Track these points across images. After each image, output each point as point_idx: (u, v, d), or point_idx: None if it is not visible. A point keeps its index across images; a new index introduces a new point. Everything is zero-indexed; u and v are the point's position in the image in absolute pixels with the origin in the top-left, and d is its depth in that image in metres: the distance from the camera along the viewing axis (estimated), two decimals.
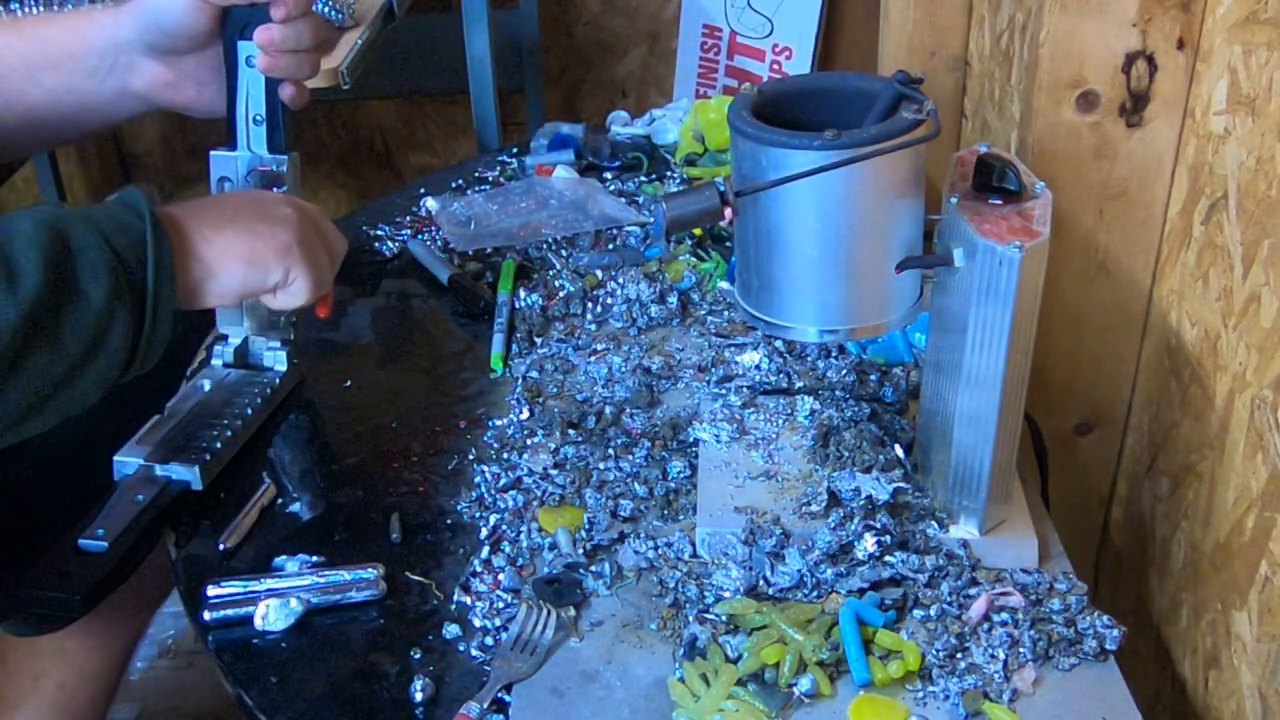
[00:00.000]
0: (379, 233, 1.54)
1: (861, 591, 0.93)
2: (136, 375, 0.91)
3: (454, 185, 1.66)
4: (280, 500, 1.07)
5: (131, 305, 0.86)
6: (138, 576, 1.16)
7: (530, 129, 2.60)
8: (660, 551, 0.98)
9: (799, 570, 0.93)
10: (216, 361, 1.19)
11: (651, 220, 1.50)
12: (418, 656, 0.91)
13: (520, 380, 1.22)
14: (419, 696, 0.87)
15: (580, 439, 1.11)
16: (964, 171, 0.93)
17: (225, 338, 1.19)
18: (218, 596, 0.95)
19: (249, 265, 0.96)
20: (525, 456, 1.10)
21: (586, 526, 1.01)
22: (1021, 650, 0.88)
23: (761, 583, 0.94)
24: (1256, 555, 0.96)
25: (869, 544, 0.94)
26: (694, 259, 1.41)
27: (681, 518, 1.02)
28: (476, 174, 1.69)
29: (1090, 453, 1.27)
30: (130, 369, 0.89)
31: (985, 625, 0.90)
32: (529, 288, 1.38)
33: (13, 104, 1.07)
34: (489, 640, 0.91)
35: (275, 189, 1.13)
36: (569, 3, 2.78)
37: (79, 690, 1.41)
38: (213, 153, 1.15)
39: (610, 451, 1.09)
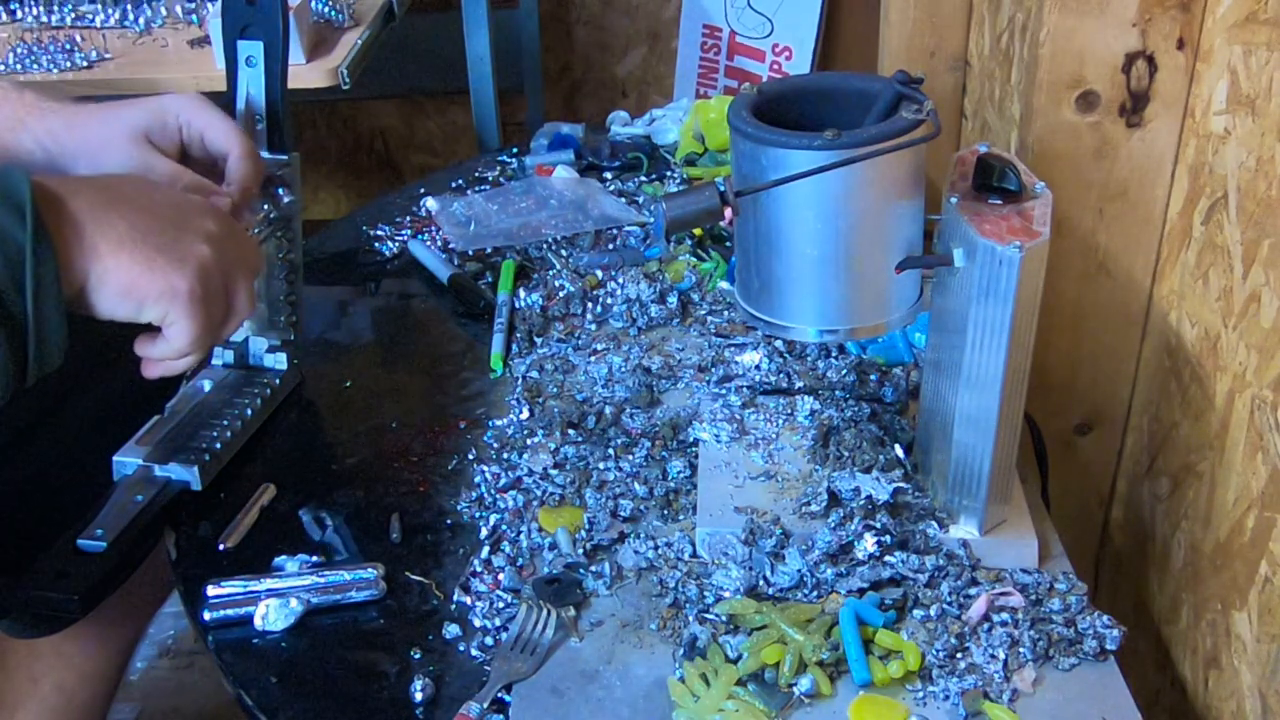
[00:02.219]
0: (379, 233, 1.54)
1: (861, 591, 0.93)
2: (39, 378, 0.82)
3: (454, 185, 1.66)
4: (280, 500, 1.07)
5: (8, 333, 0.77)
6: (137, 579, 1.16)
7: (530, 129, 2.60)
8: (660, 551, 0.98)
9: (799, 570, 0.93)
10: (216, 361, 1.19)
11: (651, 220, 1.50)
12: (418, 656, 0.91)
13: (520, 380, 1.22)
14: (419, 696, 0.87)
15: (580, 439, 1.11)
16: (964, 171, 0.92)
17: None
18: (218, 596, 0.95)
19: (124, 295, 0.83)
20: (525, 456, 1.10)
21: (586, 526, 1.01)
22: (1021, 650, 0.88)
23: (761, 583, 0.94)
24: (1256, 555, 0.96)
25: (869, 544, 0.94)
26: (694, 259, 1.41)
27: (681, 518, 1.02)
28: (476, 174, 1.69)
29: (1090, 453, 1.27)
30: (25, 382, 0.80)
31: (985, 625, 0.90)
32: (529, 288, 1.38)
33: None
34: (489, 640, 0.91)
35: (275, 189, 1.13)
36: (569, 3, 2.78)
37: (78, 692, 1.41)
38: None
39: (610, 451, 1.09)
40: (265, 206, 1.10)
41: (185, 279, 0.85)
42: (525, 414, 1.16)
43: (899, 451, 1.03)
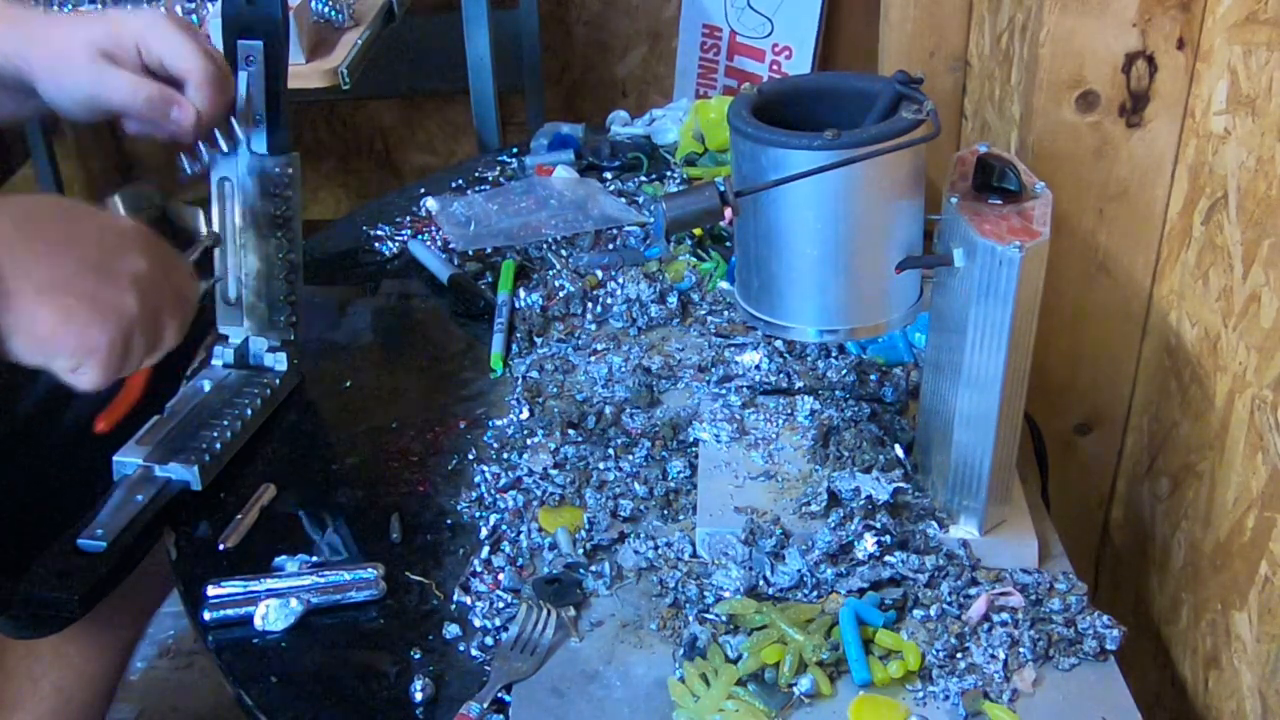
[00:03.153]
0: (379, 233, 1.54)
1: (861, 591, 0.93)
2: None
3: (454, 185, 1.66)
4: (280, 500, 1.07)
5: None
6: (137, 580, 1.16)
7: (530, 129, 2.60)
8: (660, 551, 0.98)
9: (799, 570, 0.93)
10: (216, 362, 1.19)
11: (651, 220, 1.50)
12: (418, 656, 0.91)
13: (520, 380, 1.22)
14: (419, 696, 0.87)
15: (580, 439, 1.11)
16: (964, 171, 0.92)
17: (225, 338, 1.19)
18: (218, 596, 0.95)
19: (38, 346, 0.79)
20: (525, 456, 1.10)
21: (586, 526, 1.01)
22: (1021, 650, 0.88)
23: (761, 583, 0.94)
24: (1256, 555, 0.96)
25: (869, 544, 0.94)
26: (694, 259, 1.41)
27: (681, 518, 1.02)
28: (476, 174, 1.69)
29: (1090, 453, 1.27)
30: None
31: (985, 625, 0.90)
32: (529, 288, 1.38)
33: None
34: (489, 640, 0.91)
35: (276, 190, 1.13)
36: (569, 3, 2.78)
37: (77, 693, 1.41)
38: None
39: (610, 451, 1.09)
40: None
41: (105, 333, 0.80)
42: (525, 414, 1.16)
43: (899, 451, 1.03)
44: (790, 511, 0.99)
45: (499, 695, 0.86)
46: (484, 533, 1.02)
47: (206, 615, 0.94)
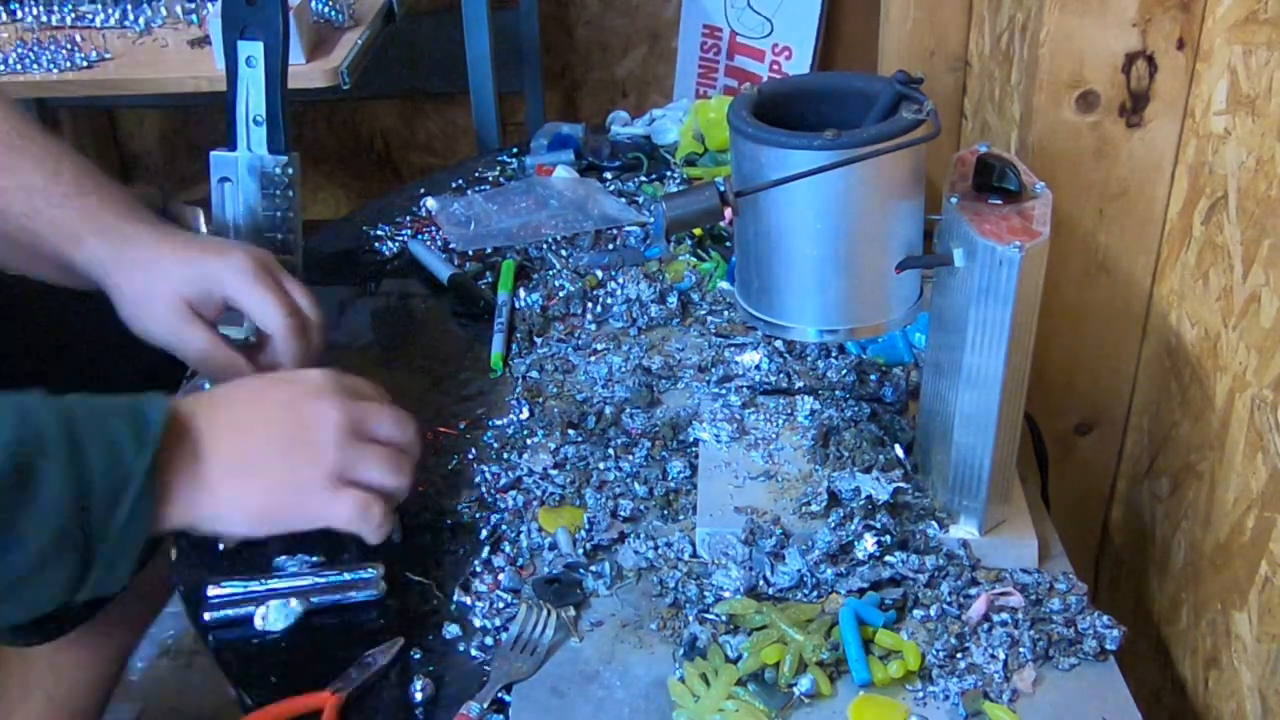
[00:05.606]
0: (379, 233, 1.54)
1: (861, 591, 0.93)
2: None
3: (454, 185, 1.66)
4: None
5: (80, 557, 0.73)
6: (134, 591, 1.16)
7: (530, 129, 2.60)
8: (660, 551, 0.98)
9: (799, 570, 0.93)
10: None
11: (651, 220, 1.50)
12: (418, 656, 0.91)
13: (520, 380, 1.22)
14: (419, 696, 0.87)
15: (580, 439, 1.11)
16: (964, 171, 0.92)
17: (225, 338, 1.19)
18: (218, 596, 0.95)
19: (257, 522, 0.83)
20: (525, 456, 1.10)
21: (586, 526, 1.01)
22: (1021, 650, 0.88)
23: (761, 583, 0.94)
24: (1256, 555, 0.96)
25: (869, 544, 0.94)
26: (694, 259, 1.41)
27: (681, 518, 1.02)
28: (476, 174, 1.69)
29: (1090, 453, 1.27)
30: (71, 599, 0.76)
31: (985, 625, 0.90)
32: (529, 288, 1.38)
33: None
34: (489, 640, 0.91)
35: (276, 190, 1.13)
36: (569, 3, 2.78)
37: (69, 702, 1.40)
38: (213, 153, 1.15)
39: (610, 451, 1.09)
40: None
41: (317, 495, 0.83)
42: (525, 414, 1.16)
43: (899, 451, 1.03)
44: (790, 511, 0.99)
45: (499, 695, 0.86)
46: (484, 533, 1.02)
47: (206, 615, 0.94)
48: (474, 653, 0.91)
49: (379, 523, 0.86)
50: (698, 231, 1.43)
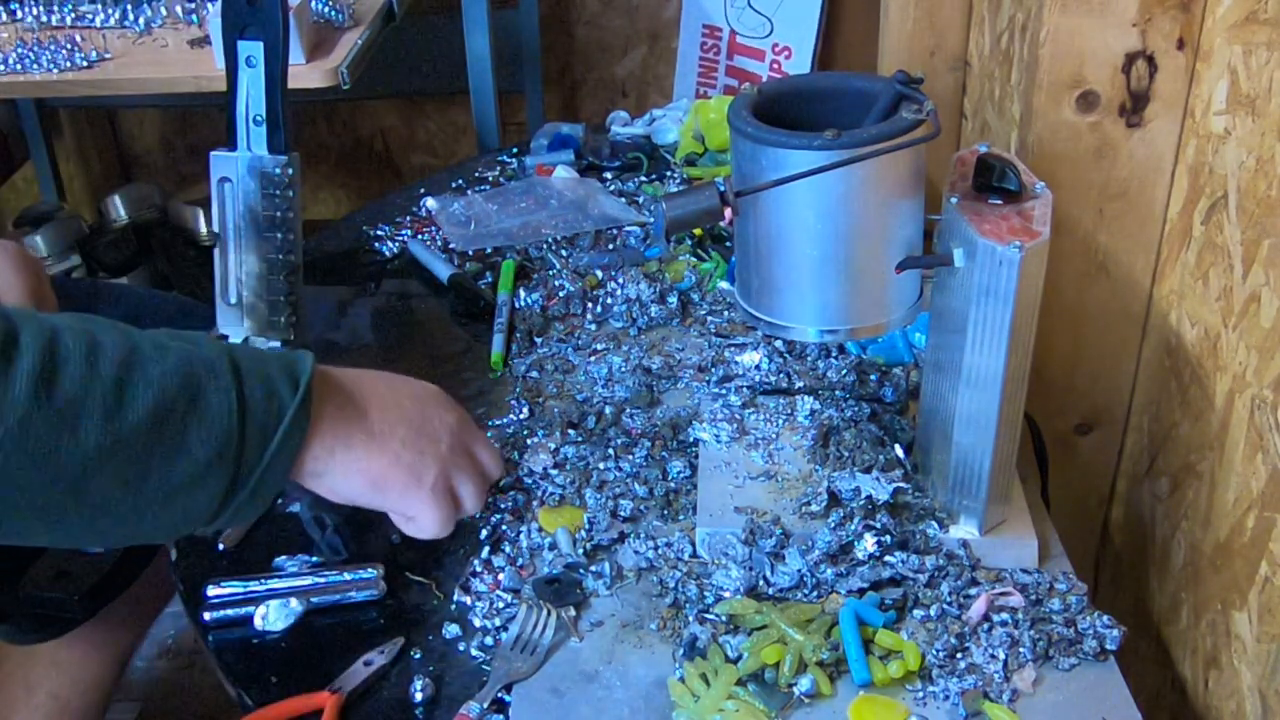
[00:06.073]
0: (379, 233, 1.54)
1: (861, 591, 0.93)
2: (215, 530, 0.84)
3: (454, 185, 1.66)
4: (280, 500, 1.07)
5: (229, 482, 0.78)
6: (136, 589, 1.16)
7: (530, 129, 2.60)
8: (660, 551, 0.98)
9: (799, 570, 0.93)
10: None
11: (651, 220, 1.50)
12: (418, 656, 0.91)
13: (520, 380, 1.22)
14: (419, 696, 0.87)
15: (580, 439, 1.11)
16: (964, 171, 0.92)
17: (225, 338, 1.19)
18: (218, 596, 0.95)
19: (371, 487, 0.87)
20: (525, 456, 1.10)
21: (586, 526, 1.01)
22: (1021, 650, 0.88)
23: (761, 583, 0.94)
24: (1256, 555, 0.96)
25: (869, 544, 0.94)
26: (694, 259, 1.41)
27: (681, 518, 1.02)
28: (476, 174, 1.69)
29: (1090, 453, 1.27)
30: (213, 523, 0.81)
31: (985, 625, 0.90)
32: (529, 288, 1.38)
33: None
34: (489, 640, 0.91)
35: (276, 190, 1.13)
36: (569, 3, 2.78)
37: (72, 701, 1.40)
38: (213, 153, 1.15)
39: (610, 451, 1.09)
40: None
41: (423, 482, 0.89)
42: (525, 414, 1.16)
43: (899, 451, 1.03)
44: (790, 511, 0.99)
45: (499, 695, 0.86)
46: (484, 533, 1.02)
47: (206, 615, 0.94)
48: (474, 653, 0.91)
49: (443, 535, 0.92)
50: (698, 231, 1.43)
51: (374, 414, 0.87)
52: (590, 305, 1.34)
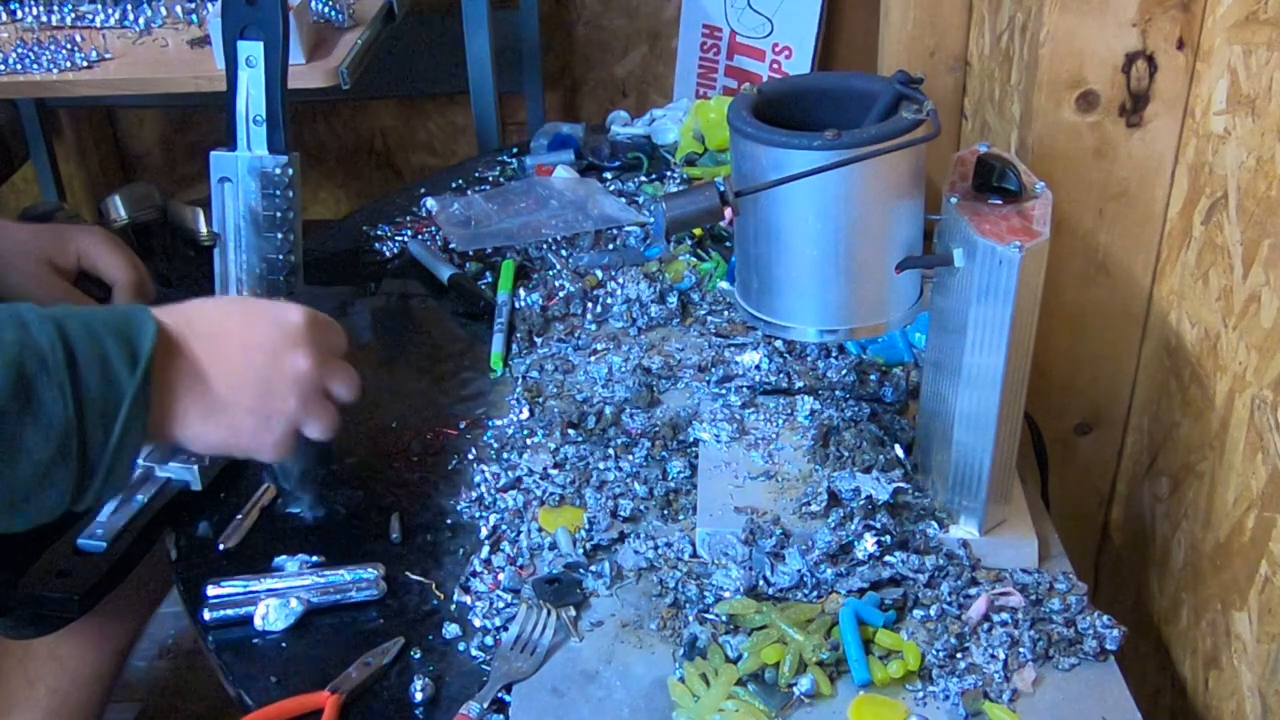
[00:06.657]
0: (379, 233, 1.54)
1: (861, 591, 0.93)
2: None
3: (454, 185, 1.66)
4: (280, 500, 1.07)
5: (79, 470, 0.77)
6: (133, 581, 1.16)
7: (530, 129, 2.60)
8: (660, 551, 0.98)
9: (799, 570, 0.93)
10: None
11: (651, 220, 1.50)
12: (418, 656, 0.91)
13: (520, 380, 1.22)
14: (419, 696, 0.87)
15: (580, 439, 1.11)
16: (964, 171, 0.92)
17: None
18: (218, 596, 0.95)
19: (221, 447, 0.87)
20: (525, 456, 1.10)
21: (586, 526, 1.01)
22: (1021, 650, 0.88)
23: (761, 583, 0.94)
24: (1256, 555, 0.96)
25: (869, 544, 0.94)
26: (694, 259, 1.41)
27: (681, 518, 1.02)
28: (476, 174, 1.69)
29: (1090, 453, 1.27)
30: (76, 508, 0.81)
31: (985, 625, 0.90)
32: (529, 288, 1.38)
33: None
34: (489, 640, 0.91)
35: (276, 190, 1.13)
36: (569, 3, 2.78)
37: (72, 694, 1.41)
38: (213, 153, 1.15)
39: (610, 451, 1.09)
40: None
41: (270, 434, 0.88)
42: (525, 414, 1.16)
43: (899, 451, 1.03)
44: (790, 511, 0.99)
45: (499, 695, 0.86)
46: (484, 533, 1.02)
47: (206, 615, 0.94)
48: (474, 653, 0.91)
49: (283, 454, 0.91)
50: (698, 231, 1.43)
51: (218, 382, 0.84)
52: (590, 305, 1.34)
